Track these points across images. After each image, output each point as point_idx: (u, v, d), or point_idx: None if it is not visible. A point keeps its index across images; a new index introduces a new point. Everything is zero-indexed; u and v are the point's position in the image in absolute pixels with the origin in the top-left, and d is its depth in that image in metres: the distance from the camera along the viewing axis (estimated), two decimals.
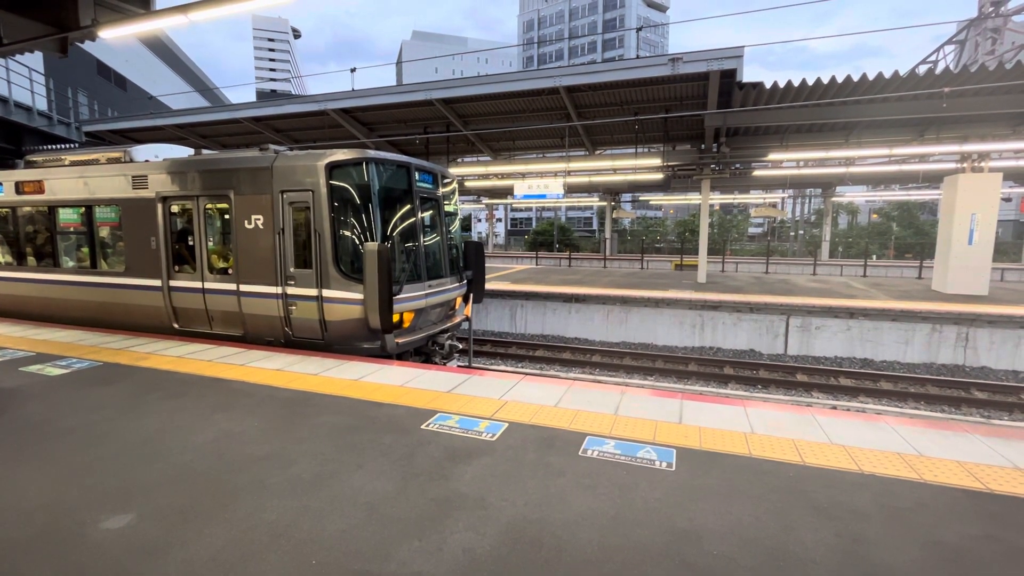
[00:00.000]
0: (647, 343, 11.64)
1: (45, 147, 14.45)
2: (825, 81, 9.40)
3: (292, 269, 6.16)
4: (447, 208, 7.39)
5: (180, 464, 3.31)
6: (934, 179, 19.00)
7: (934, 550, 2.43)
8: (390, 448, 3.53)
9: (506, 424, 3.95)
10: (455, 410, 4.25)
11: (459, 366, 7.49)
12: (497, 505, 2.81)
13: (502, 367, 9.89)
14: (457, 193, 7.99)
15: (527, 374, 7.58)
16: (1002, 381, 8.83)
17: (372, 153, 6.09)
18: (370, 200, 5.98)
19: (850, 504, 2.82)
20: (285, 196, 6.09)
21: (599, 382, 8.16)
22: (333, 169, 5.91)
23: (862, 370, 9.33)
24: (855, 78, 9.26)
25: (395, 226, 6.37)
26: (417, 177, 6.63)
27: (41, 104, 14.55)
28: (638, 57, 10.74)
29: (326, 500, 2.86)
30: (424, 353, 7.10)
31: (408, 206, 6.52)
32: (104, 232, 7.60)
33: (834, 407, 7.76)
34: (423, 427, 3.90)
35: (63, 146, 14.72)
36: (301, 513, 2.73)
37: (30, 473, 3.21)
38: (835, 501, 2.85)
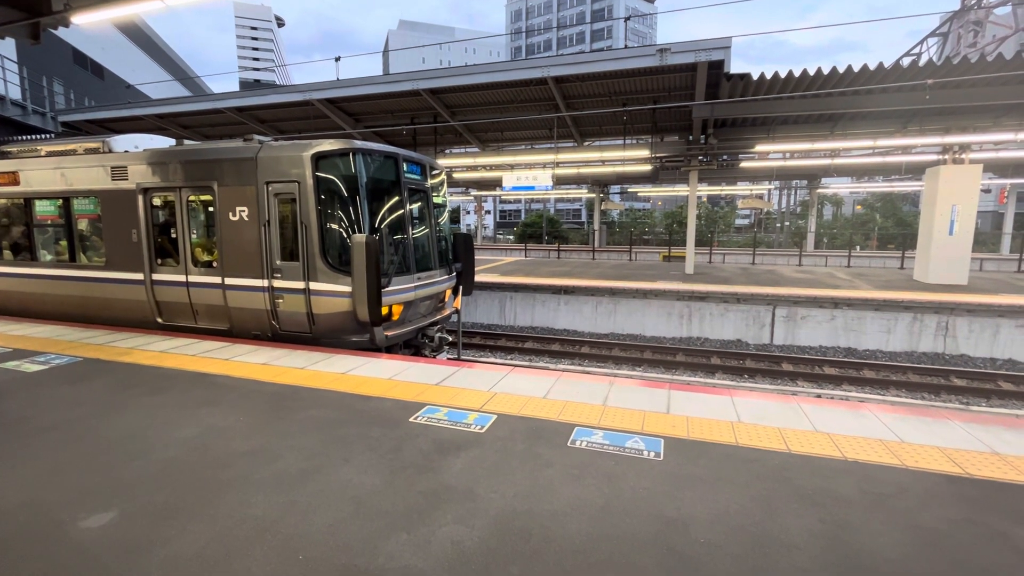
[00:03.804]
0: (635, 334, 11.70)
1: (19, 137, 14.04)
2: (811, 73, 9.45)
3: (278, 262, 6.07)
4: (436, 199, 7.32)
5: (163, 460, 3.26)
6: (916, 171, 19.32)
7: (915, 534, 2.48)
8: (378, 441, 3.51)
9: (495, 416, 3.95)
10: (444, 402, 4.23)
11: (448, 359, 7.47)
12: (486, 497, 2.81)
13: (491, 359, 9.88)
14: (446, 184, 7.91)
15: (516, 366, 7.55)
16: (980, 368, 9.04)
17: (359, 144, 5.99)
18: (357, 191, 5.90)
19: (834, 490, 2.87)
20: (270, 187, 5.98)
21: (588, 373, 8.20)
22: (319, 160, 5.82)
23: (846, 359, 9.49)
24: (840, 70, 9.32)
25: (383, 218, 6.29)
26: (405, 168, 6.55)
27: (14, 93, 14.13)
28: (626, 47, 10.67)
29: (313, 494, 2.84)
30: (413, 346, 7.07)
31: (396, 197, 6.44)
32: (83, 225, 7.41)
33: (819, 396, 7.88)
34: (411, 420, 3.88)
35: (38, 136, 14.33)
36: (288, 508, 2.71)
37: (7, 472, 3.14)
38: (819, 488, 2.89)
